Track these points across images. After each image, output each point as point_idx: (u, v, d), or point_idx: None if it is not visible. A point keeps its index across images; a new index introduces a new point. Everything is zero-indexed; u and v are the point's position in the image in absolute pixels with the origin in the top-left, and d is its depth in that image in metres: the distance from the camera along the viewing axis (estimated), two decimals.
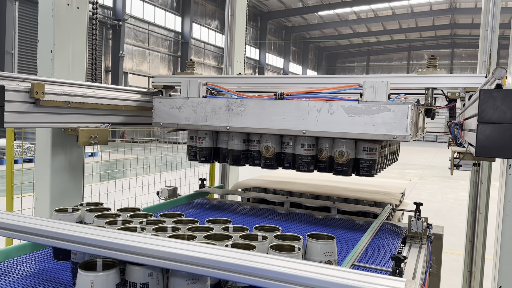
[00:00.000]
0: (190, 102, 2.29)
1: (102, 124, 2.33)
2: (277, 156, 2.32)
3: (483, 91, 1.25)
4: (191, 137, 2.53)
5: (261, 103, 2.13)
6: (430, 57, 2.29)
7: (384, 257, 1.89)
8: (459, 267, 3.58)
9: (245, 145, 2.41)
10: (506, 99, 1.24)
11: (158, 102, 2.39)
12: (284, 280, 0.89)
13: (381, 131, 1.89)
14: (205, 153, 2.46)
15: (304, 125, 2.04)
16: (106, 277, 1.18)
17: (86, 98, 2.19)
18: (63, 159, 2.37)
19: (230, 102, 2.19)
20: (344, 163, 2.15)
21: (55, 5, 2.25)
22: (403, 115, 1.85)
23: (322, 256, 1.51)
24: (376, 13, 37.34)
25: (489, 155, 1.29)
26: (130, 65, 25.04)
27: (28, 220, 1.24)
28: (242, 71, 4.10)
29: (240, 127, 2.19)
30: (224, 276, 0.97)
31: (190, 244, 1.09)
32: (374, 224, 2.14)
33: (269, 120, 2.11)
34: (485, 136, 1.27)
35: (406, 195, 3.98)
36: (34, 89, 1.91)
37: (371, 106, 1.89)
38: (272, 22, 38.65)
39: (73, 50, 2.39)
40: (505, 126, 1.26)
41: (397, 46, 47.70)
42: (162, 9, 27.23)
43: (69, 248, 1.19)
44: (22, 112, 1.90)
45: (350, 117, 1.94)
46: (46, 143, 2.31)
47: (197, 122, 2.27)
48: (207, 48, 31.72)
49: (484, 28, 3.26)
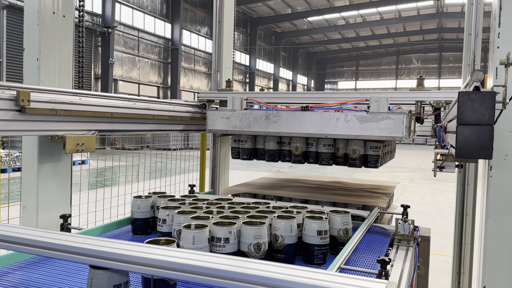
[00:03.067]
0: (237, 113, 2.91)
1: (89, 131, 2.32)
2: (304, 153, 2.96)
3: (462, 94, 1.28)
4: (235, 140, 3.19)
5: (292, 113, 2.73)
6: (419, 78, 2.94)
7: (371, 260, 1.91)
8: (449, 269, 3.61)
9: (278, 146, 3.05)
10: (483, 100, 1.27)
11: (211, 113, 3.01)
12: (267, 284, 0.89)
13: (384, 134, 2.51)
14: (246, 152, 3.11)
15: (326, 130, 2.66)
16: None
17: (73, 105, 2.18)
18: (50, 167, 2.35)
19: (268, 113, 2.81)
20: (356, 158, 2.82)
21: (41, 13, 2.25)
22: (400, 122, 2.47)
23: (341, 225, 2.05)
24: (364, 18, 37.71)
25: (468, 156, 1.32)
26: (120, 72, 24.95)
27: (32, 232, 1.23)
28: (231, 77, 4.12)
29: (276, 132, 2.81)
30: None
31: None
32: (362, 227, 2.16)
33: (299, 127, 2.72)
34: (464, 138, 1.30)
35: (396, 198, 4.01)
36: (20, 97, 1.90)
37: (376, 116, 2.52)
38: (261, 28, 38.83)
39: (59, 58, 2.39)
40: (484, 127, 1.29)
41: (386, 51, 48.19)
42: (151, 16, 27.23)
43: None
44: (7, 120, 1.88)
45: (361, 124, 2.56)
46: (33, 151, 2.29)
47: (242, 129, 2.90)
48: (197, 54, 31.73)
49: (468, 32, 3.32)
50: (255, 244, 1.73)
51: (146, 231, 2.27)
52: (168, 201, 2.30)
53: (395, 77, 48.25)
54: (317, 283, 0.88)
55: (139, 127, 2.70)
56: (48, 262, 1.72)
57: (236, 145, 3.17)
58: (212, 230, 1.69)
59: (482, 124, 1.28)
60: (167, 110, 2.90)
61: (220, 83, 3.92)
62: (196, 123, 3.28)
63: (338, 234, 2.03)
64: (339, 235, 2.03)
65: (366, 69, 50.11)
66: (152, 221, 2.30)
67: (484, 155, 1.29)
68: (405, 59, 48.16)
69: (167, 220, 2.03)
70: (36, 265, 1.70)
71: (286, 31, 41.55)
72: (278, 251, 1.85)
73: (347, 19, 37.99)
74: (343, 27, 39.22)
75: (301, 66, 48.51)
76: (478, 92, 1.29)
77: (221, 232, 1.68)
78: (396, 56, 48.21)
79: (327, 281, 0.89)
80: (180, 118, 3.03)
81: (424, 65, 47.36)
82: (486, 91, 1.28)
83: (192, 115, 3.20)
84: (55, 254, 1.15)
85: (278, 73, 42.51)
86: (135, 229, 2.28)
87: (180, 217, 1.89)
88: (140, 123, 2.70)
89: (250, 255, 1.73)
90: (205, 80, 32.72)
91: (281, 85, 44.19)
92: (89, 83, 22.59)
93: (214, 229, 1.69)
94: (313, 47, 47.19)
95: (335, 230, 2.04)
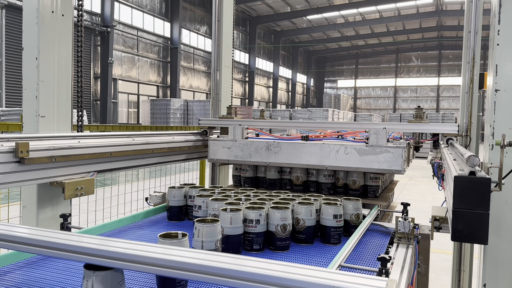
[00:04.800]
0: (238, 143, 3.00)
1: (89, 173, 2.32)
2: (304, 183, 2.99)
3: (458, 179, 1.28)
4: (236, 168, 3.24)
5: (293, 144, 2.83)
6: (417, 108, 2.98)
7: (372, 257, 1.91)
8: (450, 267, 3.60)
9: (279, 175, 3.07)
10: (479, 189, 1.27)
11: (212, 143, 3.10)
12: (267, 282, 0.89)
13: (383, 167, 2.58)
14: (248, 181, 3.17)
15: (326, 161, 2.74)
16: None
17: (72, 149, 2.18)
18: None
19: (269, 144, 2.89)
20: (356, 189, 2.84)
21: (40, 12, 2.25)
22: (399, 155, 2.56)
23: (353, 210, 2.27)
24: (363, 17, 37.68)
25: (463, 240, 1.32)
26: (119, 71, 24.92)
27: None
28: (230, 75, 4.11)
29: (277, 162, 2.89)
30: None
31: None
32: (362, 225, 2.16)
33: (299, 158, 2.80)
34: (459, 223, 1.30)
35: (396, 196, 4.01)
36: (19, 148, 1.90)
37: (375, 149, 2.60)
38: (261, 27, 38.79)
39: (58, 57, 2.39)
40: (479, 213, 1.29)
41: (385, 49, 48.14)
42: (150, 15, 27.19)
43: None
44: (7, 173, 1.89)
45: (360, 156, 2.63)
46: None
47: (244, 158, 2.98)
48: (196, 53, 31.70)
49: (468, 30, 3.31)
50: (282, 225, 1.99)
51: (180, 217, 2.53)
52: (200, 190, 2.56)
53: (394, 76, 48.22)
54: (317, 281, 0.88)
55: (138, 163, 2.73)
56: (49, 261, 1.72)
57: (237, 173, 3.24)
58: (245, 213, 1.96)
59: (478, 211, 1.28)
60: (166, 142, 2.92)
61: (220, 82, 3.92)
62: (197, 151, 3.32)
63: (350, 218, 2.28)
64: (351, 219, 2.28)
65: (366, 68, 50.06)
66: (185, 209, 2.55)
67: (479, 240, 1.30)
68: (405, 57, 48.12)
69: (202, 206, 2.32)
70: (36, 264, 1.70)
71: (285, 30, 41.51)
72: (300, 232, 2.10)
73: (347, 18, 37.95)
74: (342, 26, 39.18)
75: (300, 65, 48.47)
76: (474, 178, 1.29)
77: (253, 214, 1.96)
78: (395, 54, 48.17)
79: (327, 279, 0.89)
80: (179, 149, 3.07)
81: (423, 63, 47.33)
82: (483, 179, 1.28)
83: (193, 143, 3.26)
84: (55, 253, 1.15)
85: (278, 72, 42.48)
86: (170, 216, 2.53)
87: (215, 203, 2.15)
88: (140, 158, 2.72)
89: (277, 234, 1.99)
90: (205, 79, 32.69)
91: (281, 84, 44.18)
92: (88, 82, 22.56)
93: (246, 212, 1.97)
94: (312, 45, 47.16)
95: (347, 215, 2.27)
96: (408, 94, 47.60)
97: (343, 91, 50.07)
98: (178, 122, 24.01)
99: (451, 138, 2.95)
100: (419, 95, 47.12)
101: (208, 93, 32.43)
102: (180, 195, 2.55)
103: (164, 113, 23.85)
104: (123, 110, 25.96)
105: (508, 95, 2.09)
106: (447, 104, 45.60)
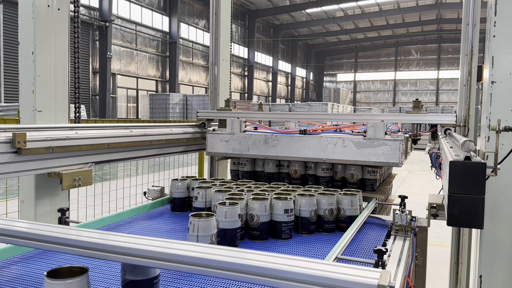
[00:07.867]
0: (236, 136, 2.99)
1: (86, 164, 2.32)
2: (302, 176, 2.99)
3: (453, 164, 1.27)
4: (234, 163, 3.23)
5: (291, 137, 2.82)
6: (415, 100, 2.96)
7: (369, 250, 1.92)
8: (448, 259, 3.62)
9: (277, 168, 3.07)
10: (475, 173, 1.27)
11: (210, 136, 3.08)
12: (260, 273, 0.90)
13: (381, 160, 2.58)
14: (246, 175, 3.15)
15: (324, 154, 2.73)
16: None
17: (69, 140, 2.17)
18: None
19: (267, 137, 2.87)
20: (354, 182, 2.85)
21: (35, 6, 2.24)
22: (396, 148, 2.55)
23: (357, 204, 2.31)
24: (363, 10, 37.51)
25: (459, 225, 1.32)
26: (118, 66, 24.85)
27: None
28: (228, 69, 4.10)
29: (275, 155, 2.88)
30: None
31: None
32: (359, 217, 2.17)
33: (297, 151, 2.79)
34: (455, 208, 1.29)
35: (395, 189, 4.01)
36: (16, 139, 1.89)
37: (373, 142, 2.60)
38: (260, 21, 38.62)
39: (55, 51, 2.38)
40: (475, 197, 1.28)
41: (385, 42, 47.98)
42: (149, 9, 27.06)
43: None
44: (4, 163, 1.88)
45: (358, 149, 2.63)
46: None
47: (242, 152, 2.96)
48: (195, 47, 31.59)
49: (466, 22, 3.30)
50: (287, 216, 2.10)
51: (183, 209, 2.59)
52: (200, 182, 2.61)
53: (394, 69, 48.09)
54: (314, 272, 0.89)
55: (136, 154, 2.72)
56: (47, 256, 1.72)
57: (235, 168, 3.24)
58: (249, 204, 2.08)
59: (473, 195, 1.28)
60: (164, 134, 2.91)
61: (218, 76, 3.90)
62: (195, 143, 3.31)
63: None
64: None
65: (365, 61, 49.93)
66: (188, 200, 2.61)
67: (475, 224, 1.30)
68: (404, 51, 47.97)
69: (198, 197, 2.39)
70: (34, 258, 1.70)
71: (284, 23, 41.33)
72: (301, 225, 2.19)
73: (346, 11, 37.78)
74: (341, 19, 39.01)
75: (299, 59, 48.32)
76: (469, 163, 1.29)
77: (258, 205, 2.07)
78: (395, 48, 48.01)
79: (323, 271, 0.89)
80: (177, 141, 3.06)
81: (423, 56, 47.19)
82: (478, 163, 1.27)
83: (191, 135, 3.25)
84: (53, 247, 1.15)
85: (277, 66, 42.35)
86: (173, 207, 2.60)
87: (218, 195, 2.22)
88: (138, 149, 2.71)
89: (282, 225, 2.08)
90: (204, 73, 32.61)
91: (280, 78, 44.07)
92: (87, 77, 22.49)
93: (251, 203, 2.08)
94: (311, 39, 46.98)
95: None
96: (408, 87, 47.51)
97: (343, 84, 49.96)
98: (177, 116, 23.97)
99: (449, 128, 2.94)
100: (418, 88, 47.03)
101: (207, 87, 32.34)
102: (183, 187, 2.60)
103: (163, 108, 23.81)
104: (122, 105, 25.92)
105: (504, 86, 2.09)
106: (447, 97, 45.53)
